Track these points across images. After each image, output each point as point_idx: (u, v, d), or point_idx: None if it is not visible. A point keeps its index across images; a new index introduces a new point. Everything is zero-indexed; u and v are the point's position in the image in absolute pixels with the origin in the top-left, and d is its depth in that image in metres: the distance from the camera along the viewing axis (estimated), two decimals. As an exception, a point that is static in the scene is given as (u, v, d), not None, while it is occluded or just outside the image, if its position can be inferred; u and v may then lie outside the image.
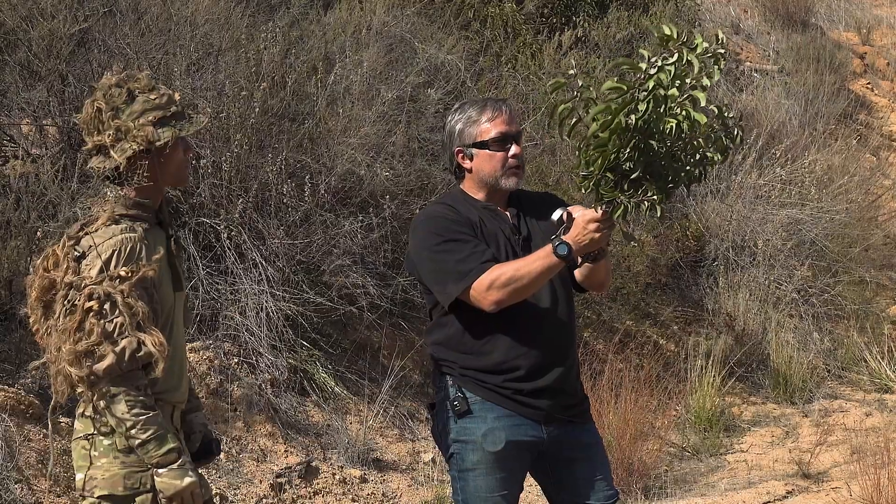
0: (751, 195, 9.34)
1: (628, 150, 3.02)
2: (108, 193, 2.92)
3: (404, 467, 6.27)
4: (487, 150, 3.45)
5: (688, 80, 3.01)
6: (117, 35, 6.48)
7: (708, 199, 9.22)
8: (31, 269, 2.95)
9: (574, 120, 3.15)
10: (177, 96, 2.99)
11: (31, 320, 2.94)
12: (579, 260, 3.36)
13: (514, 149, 3.45)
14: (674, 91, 3.00)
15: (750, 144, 9.53)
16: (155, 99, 2.95)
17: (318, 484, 5.84)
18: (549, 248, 3.25)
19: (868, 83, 13.52)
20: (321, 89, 6.92)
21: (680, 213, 9.08)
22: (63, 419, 5.17)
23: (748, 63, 12.40)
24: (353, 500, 5.85)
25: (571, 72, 3.11)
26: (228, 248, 6.30)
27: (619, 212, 3.11)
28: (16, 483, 4.87)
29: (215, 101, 6.48)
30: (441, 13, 8.59)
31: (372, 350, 6.84)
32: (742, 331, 8.50)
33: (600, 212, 3.16)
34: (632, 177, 3.06)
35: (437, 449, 5.42)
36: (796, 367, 8.24)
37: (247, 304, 6.23)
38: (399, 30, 7.99)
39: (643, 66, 3.01)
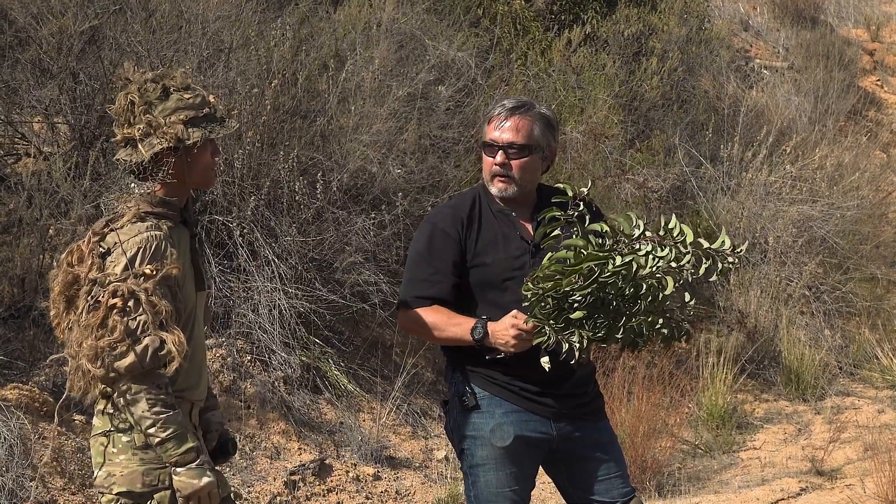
0: (761, 192, 9.31)
1: (580, 293, 3.00)
2: (135, 190, 2.91)
3: (417, 465, 6.26)
4: (483, 152, 3.48)
5: (666, 260, 3.00)
6: (128, 32, 6.47)
7: (718, 196, 9.20)
8: (55, 263, 2.94)
9: (556, 232, 3.14)
10: (211, 98, 2.98)
11: (52, 314, 2.93)
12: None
13: (498, 157, 3.42)
14: (649, 270, 2.99)
15: (760, 141, 9.50)
16: (189, 98, 2.94)
17: (331, 481, 5.83)
18: (471, 323, 3.28)
19: (877, 80, 13.47)
20: (332, 86, 6.91)
21: (691, 209, 9.06)
22: (77, 417, 5.16)
23: (757, 60, 12.37)
24: (367, 498, 5.84)
25: (584, 190, 3.13)
26: (241, 245, 6.30)
27: (540, 339, 3.10)
28: (31, 481, 4.86)
29: (227, 98, 6.47)
30: (450, 10, 8.56)
31: (384, 347, 6.83)
32: (753, 328, 8.46)
33: (529, 325, 3.15)
34: (570, 315, 3.04)
35: (449, 446, 5.42)
36: (808, 364, 8.20)
37: (259, 301, 6.22)
38: (409, 27, 7.97)
39: (636, 231, 3.02)
